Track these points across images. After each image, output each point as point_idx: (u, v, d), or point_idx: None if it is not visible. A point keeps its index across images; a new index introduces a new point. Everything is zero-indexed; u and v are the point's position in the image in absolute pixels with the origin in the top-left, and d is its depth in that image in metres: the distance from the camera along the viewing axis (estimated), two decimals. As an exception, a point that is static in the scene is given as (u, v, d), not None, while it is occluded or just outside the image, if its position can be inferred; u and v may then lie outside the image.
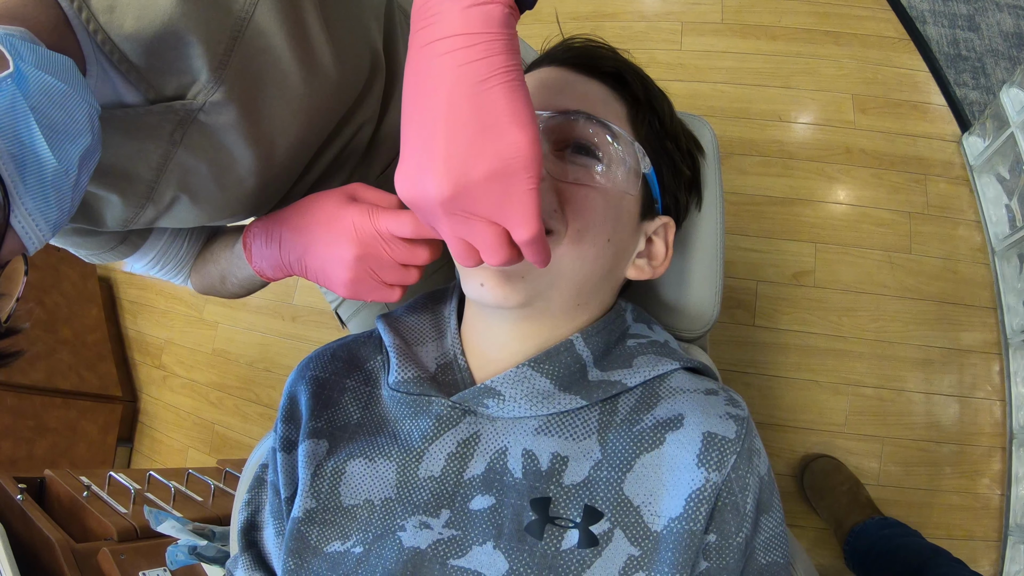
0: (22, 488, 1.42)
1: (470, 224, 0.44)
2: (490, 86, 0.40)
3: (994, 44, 1.80)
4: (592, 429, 0.58)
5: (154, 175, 0.60)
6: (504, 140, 0.41)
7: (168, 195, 0.62)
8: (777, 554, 0.59)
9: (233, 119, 0.58)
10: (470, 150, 0.41)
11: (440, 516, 0.57)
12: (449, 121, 0.41)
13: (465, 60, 0.40)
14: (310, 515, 0.61)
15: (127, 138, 0.55)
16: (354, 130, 0.75)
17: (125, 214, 0.63)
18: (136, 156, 0.57)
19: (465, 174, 0.41)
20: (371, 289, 0.62)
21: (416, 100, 0.43)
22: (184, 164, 0.60)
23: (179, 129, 0.57)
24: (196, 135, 0.58)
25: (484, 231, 0.44)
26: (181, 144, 0.58)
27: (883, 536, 1.36)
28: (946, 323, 1.62)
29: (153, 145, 0.57)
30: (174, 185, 0.62)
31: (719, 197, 0.79)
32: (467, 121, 0.41)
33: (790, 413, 1.63)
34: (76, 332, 2.31)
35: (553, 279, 0.58)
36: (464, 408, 0.61)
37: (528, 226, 0.43)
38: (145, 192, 0.61)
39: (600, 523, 0.54)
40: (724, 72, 1.91)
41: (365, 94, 0.72)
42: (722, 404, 0.58)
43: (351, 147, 0.77)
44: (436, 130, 0.41)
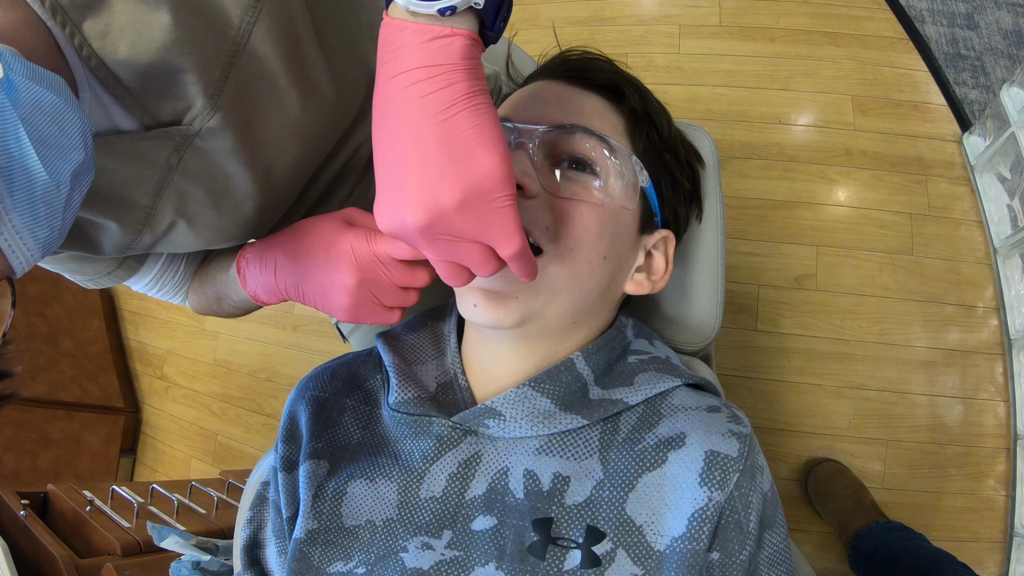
0: (25, 503, 1.41)
1: (455, 246, 0.45)
2: (453, 113, 0.41)
3: (993, 42, 1.80)
4: (594, 448, 0.58)
5: (151, 201, 0.59)
6: (473, 163, 0.42)
7: (165, 221, 0.61)
8: (781, 569, 0.58)
9: (230, 144, 0.57)
10: (441, 177, 0.42)
11: (442, 537, 0.57)
12: (418, 152, 0.42)
13: (427, 91, 0.41)
14: (312, 536, 0.61)
15: (123, 164, 0.55)
16: (352, 150, 0.74)
17: (122, 240, 0.62)
18: (132, 182, 0.57)
19: (439, 202, 0.42)
20: (371, 313, 0.61)
21: (384, 134, 0.44)
22: (181, 189, 0.59)
23: (175, 154, 0.56)
24: (193, 160, 0.58)
25: (469, 251, 0.46)
26: (177, 170, 0.57)
27: (888, 540, 1.36)
28: (949, 324, 1.61)
29: (149, 171, 0.56)
30: (171, 211, 0.61)
31: (720, 209, 0.78)
32: (435, 150, 0.41)
33: (793, 417, 1.62)
34: (78, 344, 2.32)
35: (548, 298, 0.58)
36: (465, 428, 0.60)
37: (511, 242, 0.44)
38: (142, 218, 0.60)
39: (603, 543, 0.53)
40: (723, 75, 1.90)
41: (362, 114, 0.71)
42: (724, 422, 0.58)
43: (349, 166, 0.76)
44: (406, 163, 0.42)
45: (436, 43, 0.40)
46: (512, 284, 0.56)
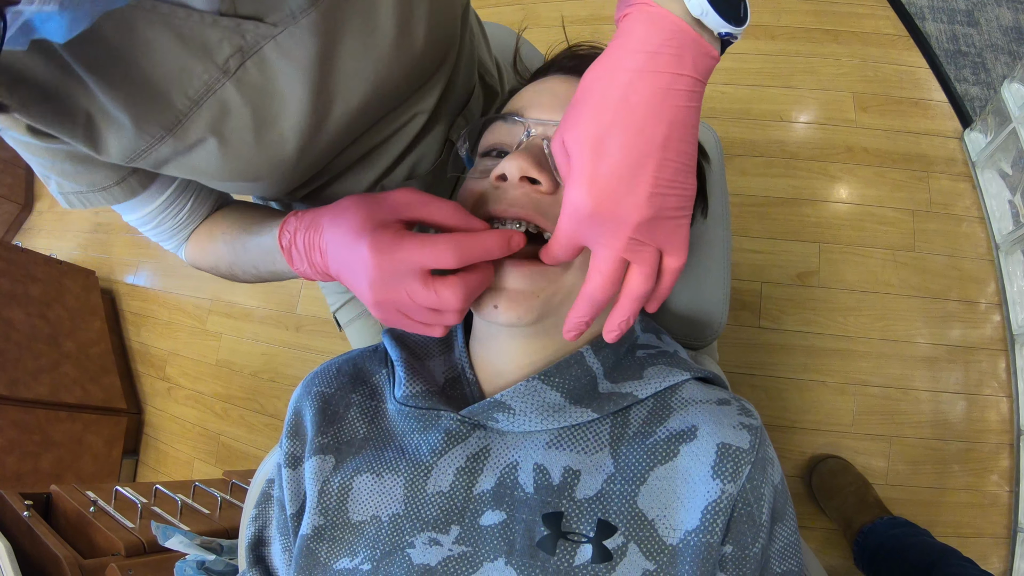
0: (28, 504, 1.41)
1: (643, 250, 0.48)
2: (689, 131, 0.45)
3: (994, 39, 1.80)
4: (604, 442, 0.58)
5: (188, 106, 0.54)
6: (689, 181, 0.46)
7: (195, 134, 0.56)
8: (792, 563, 0.58)
9: (306, 59, 0.54)
10: (670, 185, 0.45)
11: (450, 532, 0.57)
12: (663, 154, 0.44)
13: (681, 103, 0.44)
14: (318, 532, 0.60)
15: (176, 47, 0.50)
16: (407, 118, 0.72)
17: (135, 144, 0.56)
18: (176, 76, 0.52)
19: (664, 204, 0.45)
20: (408, 327, 0.57)
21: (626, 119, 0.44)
22: (226, 103, 0.55)
23: (238, 57, 0.52)
24: (254, 71, 0.54)
25: (651, 255, 0.48)
26: (233, 76, 0.54)
27: (892, 536, 1.36)
28: (951, 320, 1.61)
29: (202, 67, 0.52)
30: (206, 124, 0.56)
31: (725, 205, 0.78)
32: (675, 158, 0.45)
33: (797, 414, 1.62)
34: (80, 345, 2.31)
35: (565, 295, 0.57)
36: (473, 422, 0.60)
37: (682, 255, 0.49)
38: (170, 123, 0.54)
39: (614, 537, 0.53)
40: (724, 73, 1.90)
41: (431, 83, 0.70)
42: (735, 414, 0.58)
43: (398, 136, 0.74)
44: (649, 159, 0.44)
45: (707, 61, 0.44)
46: (533, 283, 0.56)
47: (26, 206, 3.08)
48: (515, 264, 0.56)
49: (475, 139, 0.70)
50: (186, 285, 2.49)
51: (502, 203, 0.57)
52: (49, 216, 3.03)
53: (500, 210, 0.57)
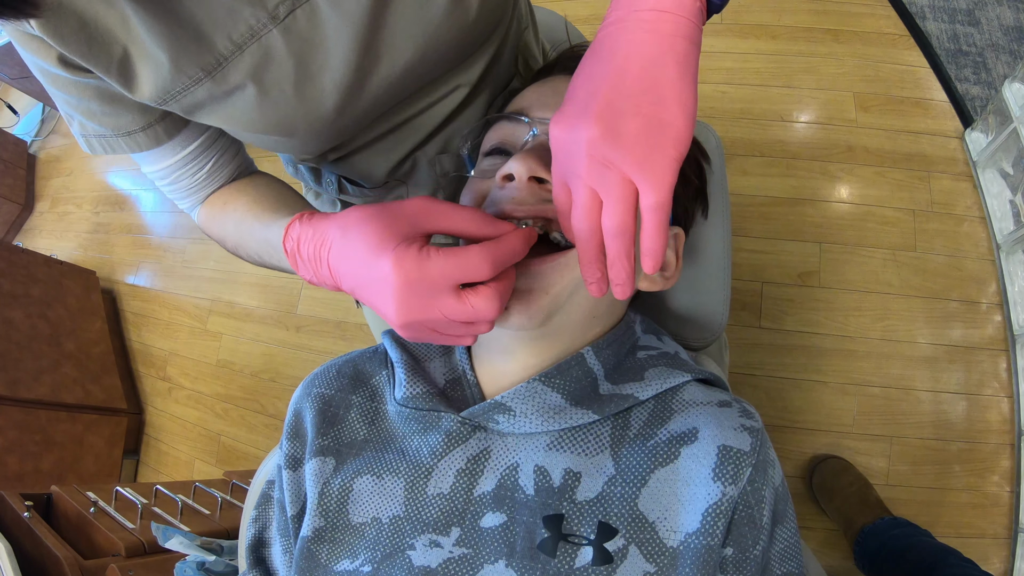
0: (29, 505, 1.41)
1: (606, 173, 0.45)
2: (666, 59, 0.43)
3: (995, 38, 1.80)
4: (605, 444, 0.58)
5: (231, 50, 0.53)
6: (665, 108, 0.43)
7: (234, 79, 0.55)
8: (792, 564, 0.58)
9: (359, 13, 0.54)
10: (630, 104, 0.43)
11: (450, 534, 0.57)
12: (618, 79, 0.44)
13: (649, 31, 0.43)
14: (319, 534, 0.60)
15: None
16: (449, 89, 0.71)
17: (171, 84, 0.54)
18: (222, 18, 0.51)
19: (618, 123, 0.43)
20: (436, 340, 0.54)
21: (593, 59, 0.46)
22: (271, 51, 0.54)
23: (288, 3, 0.52)
24: (303, 20, 0.53)
25: (616, 182, 0.45)
26: (281, 23, 0.53)
27: (893, 536, 1.36)
28: (952, 320, 1.61)
29: (250, 11, 0.51)
30: (247, 70, 0.55)
31: (726, 205, 0.78)
32: (635, 81, 0.43)
33: (797, 414, 1.62)
34: (80, 345, 2.32)
35: (573, 292, 0.58)
36: (474, 424, 0.60)
37: (659, 190, 0.44)
38: (210, 65, 0.53)
39: (615, 540, 0.53)
40: (724, 73, 1.90)
41: (477, 55, 0.70)
42: (736, 416, 0.57)
43: (438, 107, 0.73)
44: (603, 80, 0.44)
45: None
46: (543, 279, 0.56)
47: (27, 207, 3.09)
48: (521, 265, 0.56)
49: (476, 139, 0.70)
50: (186, 285, 2.49)
51: (509, 203, 0.57)
52: (50, 216, 3.04)
53: (508, 210, 0.57)
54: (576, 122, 0.45)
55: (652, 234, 0.46)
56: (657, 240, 0.46)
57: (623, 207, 0.45)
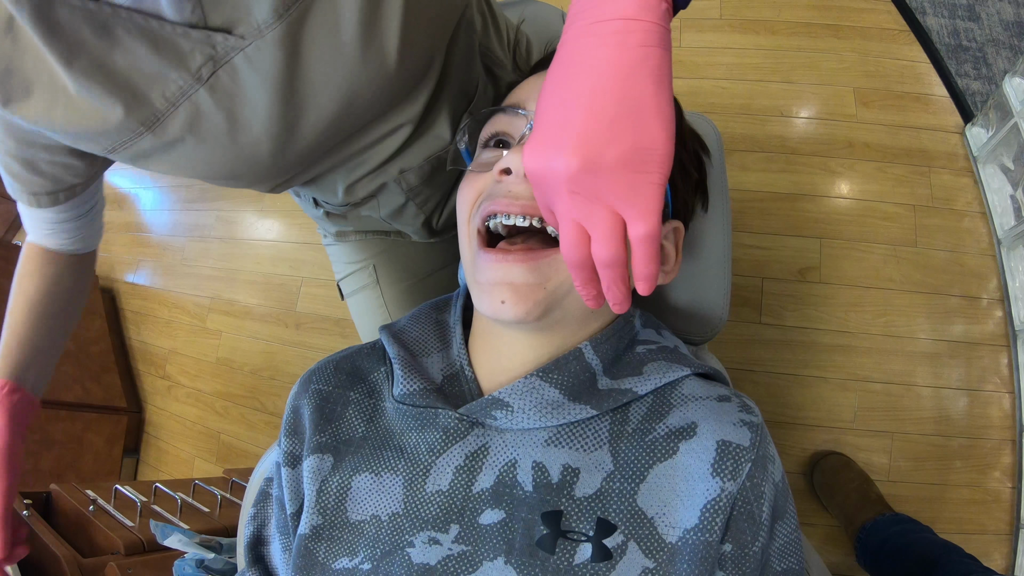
0: (28, 503, 1.41)
1: (589, 207, 0.44)
2: (640, 75, 0.41)
3: (995, 33, 1.79)
4: (603, 439, 0.57)
5: (166, 106, 0.56)
6: (644, 131, 0.41)
7: (173, 132, 0.58)
8: (792, 560, 0.58)
9: (273, 71, 0.55)
10: (607, 133, 0.41)
11: (449, 531, 0.56)
12: (593, 99, 0.41)
13: (621, 46, 0.40)
14: (317, 532, 0.60)
15: (152, 53, 0.52)
16: (391, 128, 0.72)
17: (115, 137, 0.58)
18: (154, 79, 0.54)
19: (598, 154, 0.41)
20: None
21: (560, 78, 0.43)
22: (200, 107, 0.57)
23: (209, 65, 0.54)
24: (226, 78, 0.55)
25: (602, 216, 0.44)
26: (206, 83, 0.55)
27: (894, 533, 1.36)
28: (953, 316, 1.61)
29: (176, 74, 0.54)
30: (182, 124, 0.58)
31: (725, 198, 0.78)
32: (610, 105, 0.41)
33: (798, 410, 1.62)
34: (80, 344, 2.31)
35: (571, 287, 0.57)
36: (472, 420, 0.60)
37: (647, 220, 0.43)
38: (149, 120, 0.57)
39: (613, 536, 0.53)
40: (724, 68, 1.90)
41: (414, 96, 0.69)
42: (735, 411, 0.57)
43: (383, 145, 0.74)
44: (577, 108, 0.42)
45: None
46: (540, 274, 0.56)
47: (26, 205, 3.08)
48: (518, 258, 0.56)
49: (475, 132, 0.70)
50: (186, 283, 2.49)
51: (506, 198, 0.57)
52: (49, 215, 3.03)
53: (504, 205, 0.57)
54: (552, 154, 0.43)
55: (644, 262, 0.45)
56: (649, 267, 0.46)
57: (612, 240, 0.44)
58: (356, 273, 1.06)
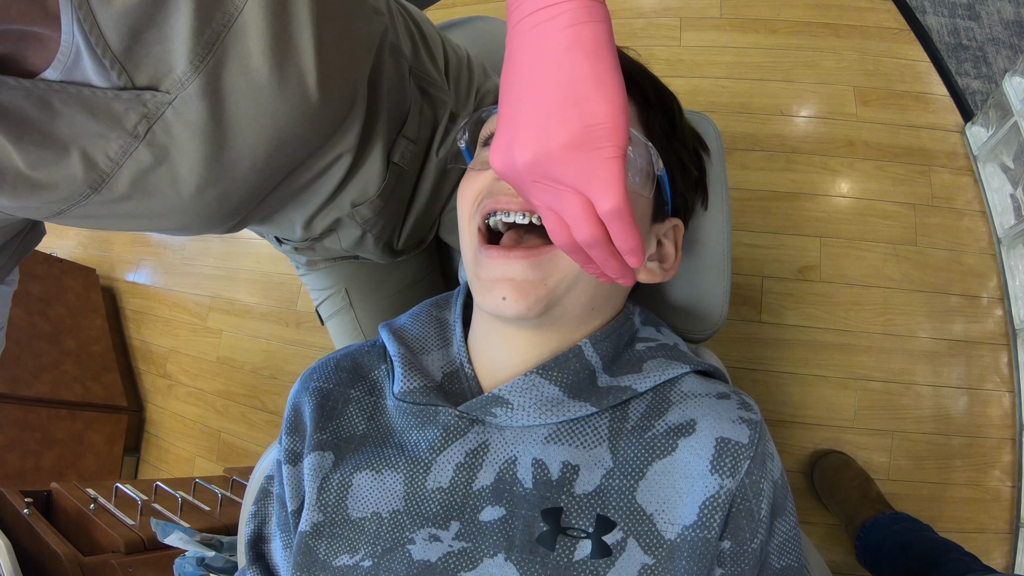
0: (28, 502, 1.41)
1: (557, 194, 0.44)
2: (573, 55, 0.40)
3: (995, 32, 1.79)
4: (603, 436, 0.58)
5: (110, 166, 0.57)
6: (587, 108, 0.40)
7: (120, 189, 0.60)
8: (791, 558, 0.58)
9: (201, 119, 0.56)
10: (551, 118, 0.41)
11: (450, 528, 0.56)
12: (533, 91, 0.42)
13: (549, 31, 0.40)
14: (317, 529, 0.60)
15: (89, 119, 0.53)
16: (331, 160, 0.73)
17: (62, 201, 0.59)
18: (97, 140, 0.55)
19: (547, 141, 0.41)
20: None
21: (506, 78, 0.44)
22: (142, 163, 0.58)
23: (144, 123, 0.55)
24: (161, 133, 0.56)
25: (570, 201, 0.44)
26: (144, 140, 0.56)
27: (894, 531, 1.36)
28: (953, 315, 1.61)
29: (115, 134, 0.55)
30: (128, 181, 0.59)
31: (725, 196, 0.78)
32: (550, 90, 0.41)
33: (798, 409, 1.62)
34: (80, 343, 2.32)
35: (572, 284, 0.58)
36: (472, 418, 0.60)
37: (610, 196, 0.42)
38: (95, 182, 0.58)
39: (613, 533, 0.53)
40: (724, 67, 1.90)
41: (346, 125, 0.70)
42: (735, 408, 0.57)
43: (326, 177, 0.75)
44: (522, 101, 0.42)
45: None
46: (541, 270, 0.56)
47: (26, 204, 3.08)
48: (519, 255, 0.56)
49: (474, 130, 0.70)
50: (186, 283, 2.49)
51: (506, 196, 0.58)
52: (49, 214, 3.03)
53: (504, 203, 0.58)
54: (509, 151, 0.43)
55: (622, 236, 0.45)
56: (629, 240, 0.45)
57: (585, 222, 0.44)
58: (330, 298, 1.09)
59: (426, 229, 1.01)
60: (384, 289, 1.08)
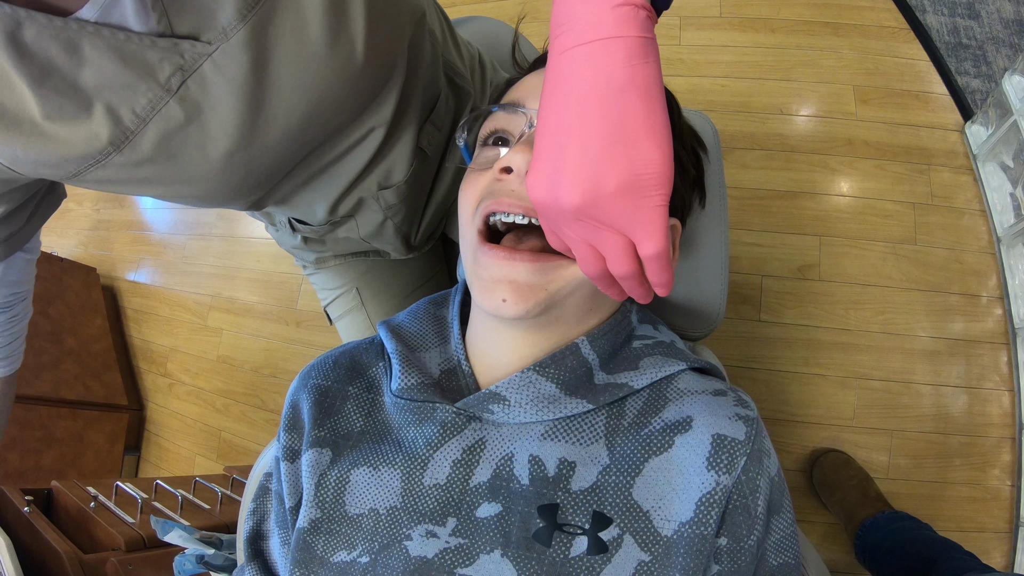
0: (29, 500, 1.41)
1: (598, 232, 0.45)
2: (627, 96, 0.40)
3: (995, 31, 1.79)
4: (599, 433, 0.58)
5: (136, 123, 0.54)
6: (638, 154, 0.40)
7: (144, 150, 0.57)
8: (788, 555, 0.58)
9: (241, 74, 0.54)
10: (602, 161, 0.41)
11: (446, 524, 0.57)
12: (582, 128, 0.41)
13: (603, 67, 0.40)
14: (315, 525, 0.60)
15: (120, 67, 0.51)
16: (363, 133, 0.71)
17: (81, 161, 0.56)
18: (124, 93, 0.52)
19: (596, 185, 0.41)
20: None
21: (551, 105, 0.43)
22: (171, 120, 0.55)
23: (178, 75, 0.53)
24: (195, 88, 0.54)
25: (612, 240, 0.45)
26: (176, 94, 0.54)
27: (894, 530, 1.36)
28: (953, 314, 1.61)
29: (145, 86, 0.53)
30: (153, 141, 0.56)
31: (723, 195, 0.78)
32: (601, 130, 0.40)
33: (798, 408, 1.62)
34: (81, 342, 2.32)
35: (571, 285, 0.57)
36: (469, 414, 0.60)
37: (653, 242, 0.43)
38: (119, 140, 0.55)
39: (609, 529, 0.53)
40: (724, 66, 1.90)
41: (383, 96, 0.69)
42: (731, 405, 0.57)
43: (356, 152, 0.74)
44: (570, 137, 0.41)
45: (621, 11, 0.39)
46: (543, 276, 0.56)
47: (27, 203, 3.08)
48: (523, 258, 0.56)
49: (474, 129, 0.70)
50: (187, 282, 2.49)
51: (508, 197, 0.57)
52: (50, 213, 3.03)
53: (506, 205, 0.57)
54: (554, 184, 0.43)
55: (657, 273, 0.47)
56: (663, 276, 0.47)
57: (625, 259, 0.46)
58: (341, 298, 1.08)
59: (440, 224, 1.01)
60: (397, 289, 1.07)
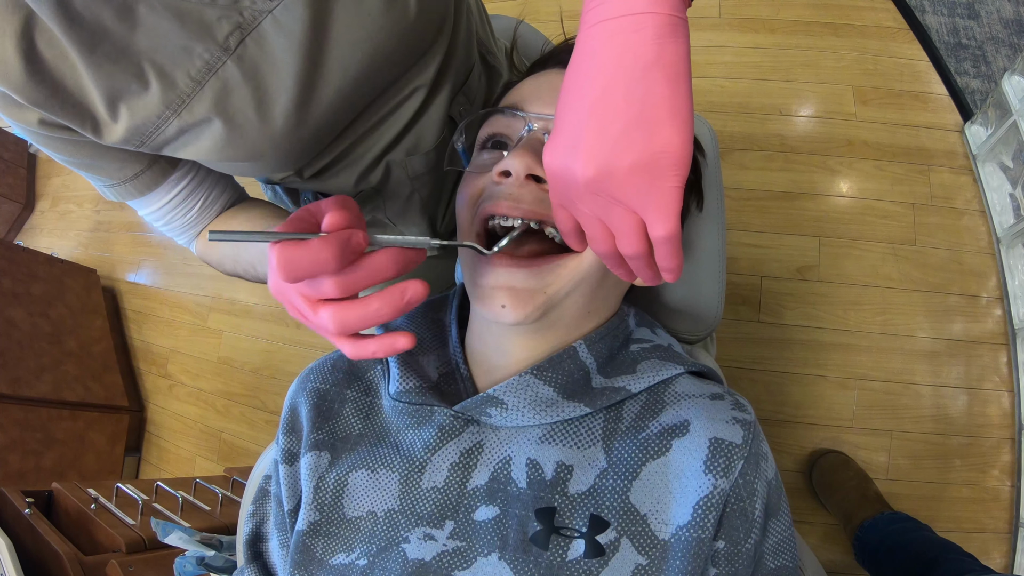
0: (30, 502, 1.42)
1: (610, 208, 0.44)
2: (653, 75, 0.39)
3: (994, 31, 1.79)
4: (597, 437, 0.58)
5: (191, 86, 0.55)
6: (657, 135, 0.40)
7: (199, 113, 0.57)
8: (786, 558, 0.58)
9: (300, 31, 0.54)
10: (621, 138, 0.40)
11: (444, 527, 0.57)
12: (604, 104, 0.40)
13: (631, 43, 0.39)
14: (314, 528, 0.61)
15: (177, 27, 0.51)
16: (407, 92, 0.71)
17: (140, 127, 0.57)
18: (179, 55, 0.53)
19: (612, 160, 0.41)
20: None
21: (576, 77, 0.42)
22: (228, 81, 0.56)
23: (237, 34, 0.53)
24: (253, 47, 0.54)
25: (623, 217, 0.44)
26: (234, 53, 0.54)
27: (893, 531, 1.36)
28: (953, 314, 1.61)
29: (202, 47, 0.53)
30: (209, 103, 0.56)
31: (720, 198, 0.78)
32: (623, 108, 0.40)
33: (797, 409, 1.62)
34: (81, 343, 2.32)
35: (570, 285, 0.58)
36: (467, 417, 0.60)
37: (665, 223, 0.42)
38: (174, 103, 0.55)
39: (606, 532, 0.53)
40: (723, 67, 1.90)
41: (428, 56, 0.69)
42: (728, 409, 0.57)
43: (399, 112, 0.73)
44: (591, 111, 0.41)
45: None
46: (541, 280, 0.56)
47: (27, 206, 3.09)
48: (521, 264, 0.56)
49: (472, 132, 0.70)
50: (187, 283, 2.49)
51: (507, 200, 0.57)
52: (50, 215, 3.04)
53: (504, 208, 0.57)
54: (570, 158, 0.43)
55: (668, 258, 0.46)
56: (672, 260, 0.46)
57: (635, 237, 0.45)
58: None
59: None
60: None
